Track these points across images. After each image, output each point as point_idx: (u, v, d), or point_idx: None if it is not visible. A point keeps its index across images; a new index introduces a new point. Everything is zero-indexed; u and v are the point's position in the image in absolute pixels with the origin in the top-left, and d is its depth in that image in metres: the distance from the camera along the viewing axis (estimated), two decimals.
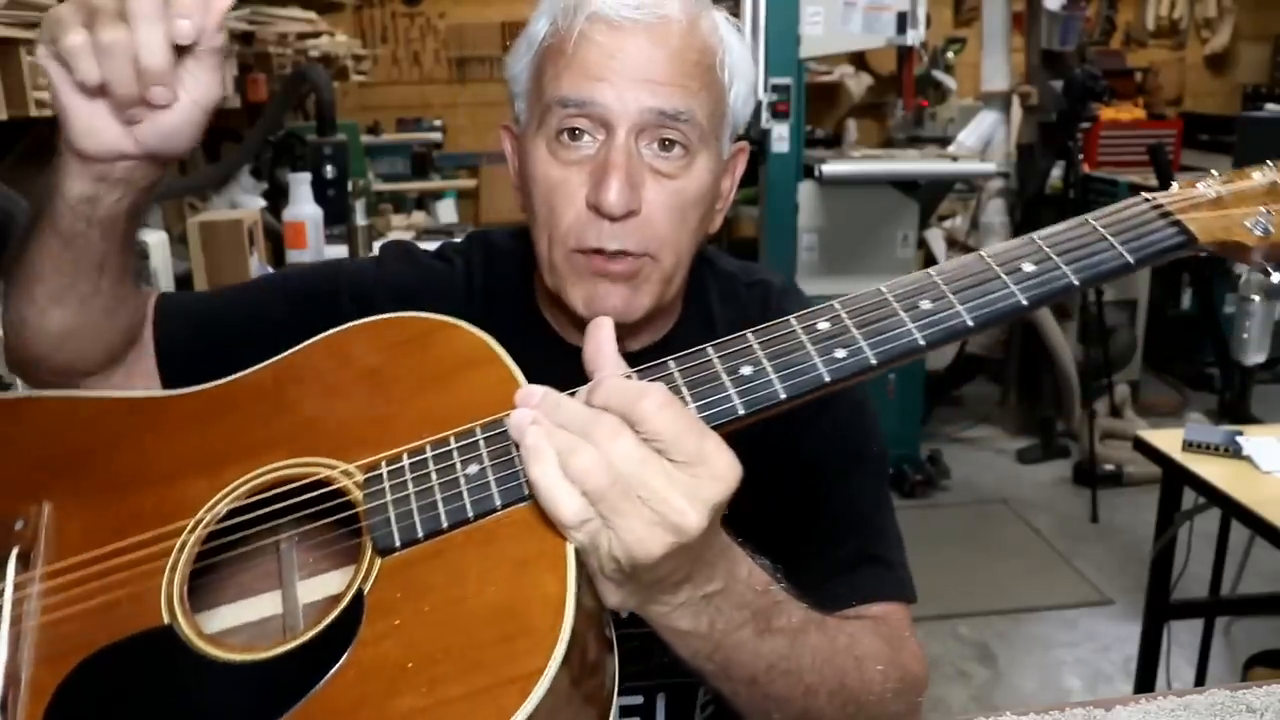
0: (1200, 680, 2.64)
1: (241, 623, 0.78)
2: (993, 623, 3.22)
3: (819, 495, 1.00)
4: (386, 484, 0.71)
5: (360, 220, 3.01)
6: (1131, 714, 1.02)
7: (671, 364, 0.71)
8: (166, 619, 0.71)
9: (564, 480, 0.63)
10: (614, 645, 0.70)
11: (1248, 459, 2.14)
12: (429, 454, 0.71)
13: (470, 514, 0.68)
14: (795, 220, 3.96)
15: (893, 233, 4.05)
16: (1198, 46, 7.52)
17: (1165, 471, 2.26)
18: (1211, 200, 0.72)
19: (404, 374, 0.78)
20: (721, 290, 1.07)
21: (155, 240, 2.43)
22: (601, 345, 0.69)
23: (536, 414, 0.66)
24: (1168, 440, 2.25)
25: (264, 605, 0.79)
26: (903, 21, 3.83)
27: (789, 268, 3.86)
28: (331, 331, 0.83)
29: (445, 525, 0.68)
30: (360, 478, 0.73)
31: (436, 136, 5.88)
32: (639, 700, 1.03)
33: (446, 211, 4.99)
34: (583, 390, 0.68)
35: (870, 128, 6.78)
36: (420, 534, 0.68)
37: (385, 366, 0.79)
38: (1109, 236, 0.71)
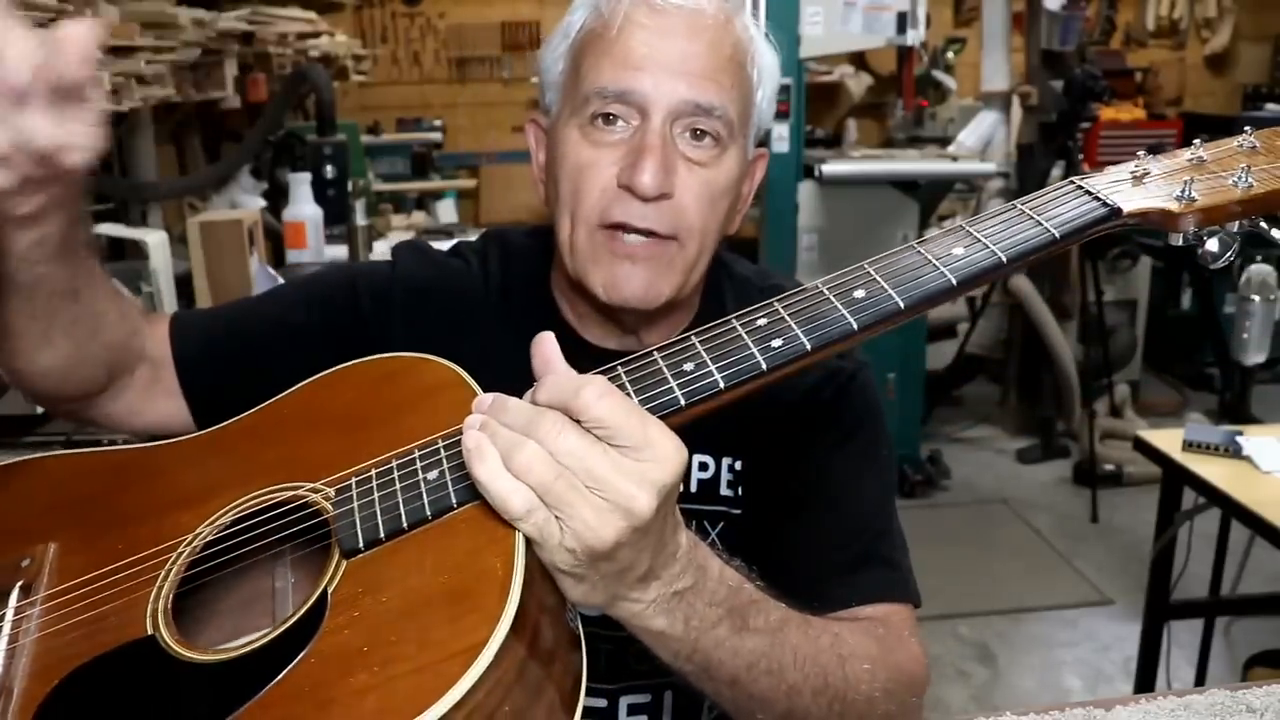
0: (1200, 680, 2.64)
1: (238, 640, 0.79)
2: (993, 623, 3.22)
3: (825, 496, 1.00)
4: (354, 493, 0.75)
5: (360, 220, 3.01)
6: (1131, 714, 1.02)
7: (619, 367, 0.73)
8: (149, 630, 0.74)
9: (507, 475, 0.65)
10: (580, 642, 0.70)
11: (1248, 459, 2.14)
12: (393, 464, 0.76)
13: (429, 513, 0.71)
14: (795, 220, 3.96)
15: (893, 233, 4.05)
16: (1198, 46, 7.51)
17: (1165, 471, 2.26)
18: (1136, 176, 0.77)
19: (379, 405, 0.83)
20: (737, 293, 1.08)
21: (155, 240, 2.43)
22: (549, 359, 0.70)
23: (484, 417, 0.67)
24: (1168, 440, 2.25)
25: (260, 622, 0.81)
26: (903, 21, 3.83)
27: (789, 268, 3.86)
28: (314, 377, 0.88)
29: (406, 525, 0.71)
30: (331, 492, 0.77)
31: (436, 136, 5.89)
32: (647, 698, 1.03)
33: (446, 211, 4.99)
34: (530, 391, 0.69)
35: (870, 128, 6.77)
36: (382, 534, 0.71)
37: (362, 400, 0.84)
38: (1033, 215, 0.75)
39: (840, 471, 1.00)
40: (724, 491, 1.02)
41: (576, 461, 0.63)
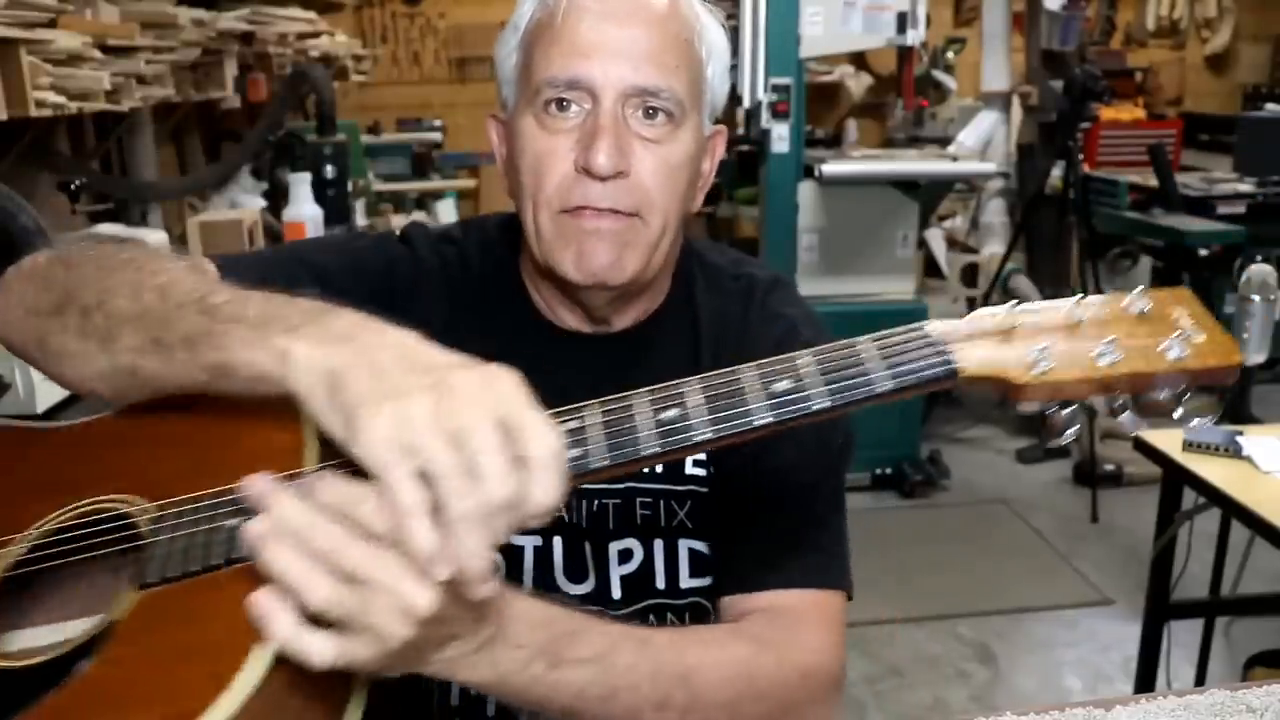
0: (1200, 680, 2.64)
1: (43, 644, 0.79)
2: (993, 623, 3.22)
3: (767, 481, 1.01)
4: (169, 524, 0.75)
5: (360, 220, 3.01)
6: (1131, 714, 1.02)
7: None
8: None
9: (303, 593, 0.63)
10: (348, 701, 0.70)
11: (1248, 459, 2.14)
12: (206, 502, 0.75)
13: (218, 560, 0.70)
14: (795, 220, 3.96)
15: (893, 233, 4.05)
16: (1198, 46, 7.52)
17: (1165, 471, 2.26)
18: (1003, 332, 0.69)
19: (239, 437, 0.80)
20: (707, 281, 1.09)
21: (155, 240, 2.44)
22: (265, 494, 0.66)
23: (266, 530, 0.64)
24: (1168, 440, 2.25)
25: (72, 628, 0.81)
26: (903, 21, 3.83)
27: (789, 268, 3.86)
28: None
29: (198, 568, 0.71)
30: (154, 515, 0.76)
31: (436, 136, 5.89)
32: None
33: (446, 211, 4.99)
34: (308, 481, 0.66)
35: (870, 128, 6.78)
36: (174, 573, 0.71)
37: (230, 427, 0.81)
38: (878, 360, 0.69)
39: (786, 458, 1.00)
40: (690, 470, 1.03)
41: (363, 574, 0.62)
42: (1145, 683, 2.37)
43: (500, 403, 0.63)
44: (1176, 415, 0.68)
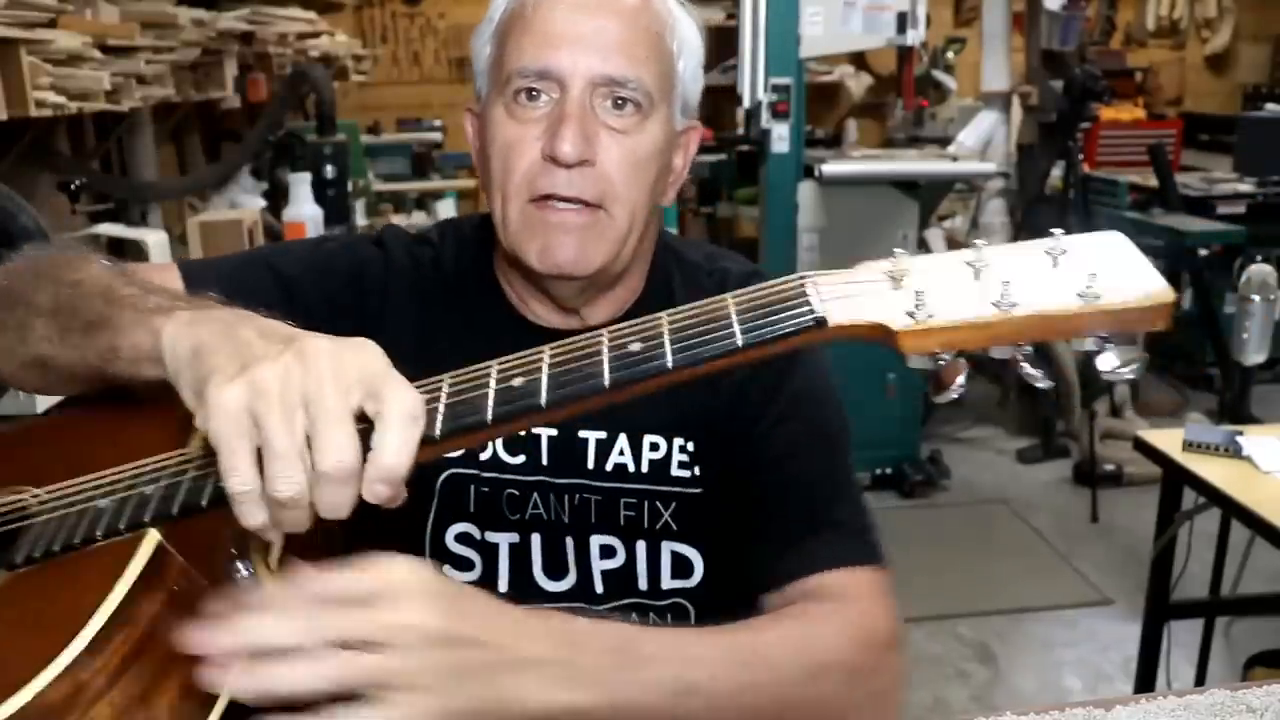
0: (1200, 680, 2.64)
1: None
2: (993, 623, 3.22)
3: (770, 472, 1.00)
4: (48, 508, 0.76)
5: (360, 220, 3.01)
6: (1131, 714, 1.02)
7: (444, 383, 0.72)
8: None
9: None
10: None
11: (1248, 459, 2.14)
12: (85, 486, 0.75)
13: (78, 539, 0.71)
14: (795, 220, 3.96)
15: (893, 233, 4.05)
16: (1198, 46, 7.52)
17: (1165, 471, 2.25)
18: (894, 277, 0.64)
19: (128, 416, 0.82)
20: (684, 276, 1.09)
21: (155, 240, 2.44)
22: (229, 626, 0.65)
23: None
24: (1168, 440, 2.25)
25: None
26: (903, 21, 3.83)
27: (789, 268, 3.85)
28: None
29: (58, 548, 0.71)
30: (41, 501, 0.77)
31: (436, 136, 5.89)
32: None
33: (446, 211, 4.99)
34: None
35: (870, 128, 6.77)
36: (38, 553, 0.72)
37: (122, 409, 0.83)
38: (722, 319, 0.65)
39: (783, 445, 1.00)
40: (676, 472, 1.03)
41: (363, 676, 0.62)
42: (1145, 683, 2.37)
43: (356, 367, 0.63)
44: (1106, 368, 0.60)
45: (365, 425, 0.62)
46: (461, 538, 1.02)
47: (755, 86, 3.82)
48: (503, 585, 1.02)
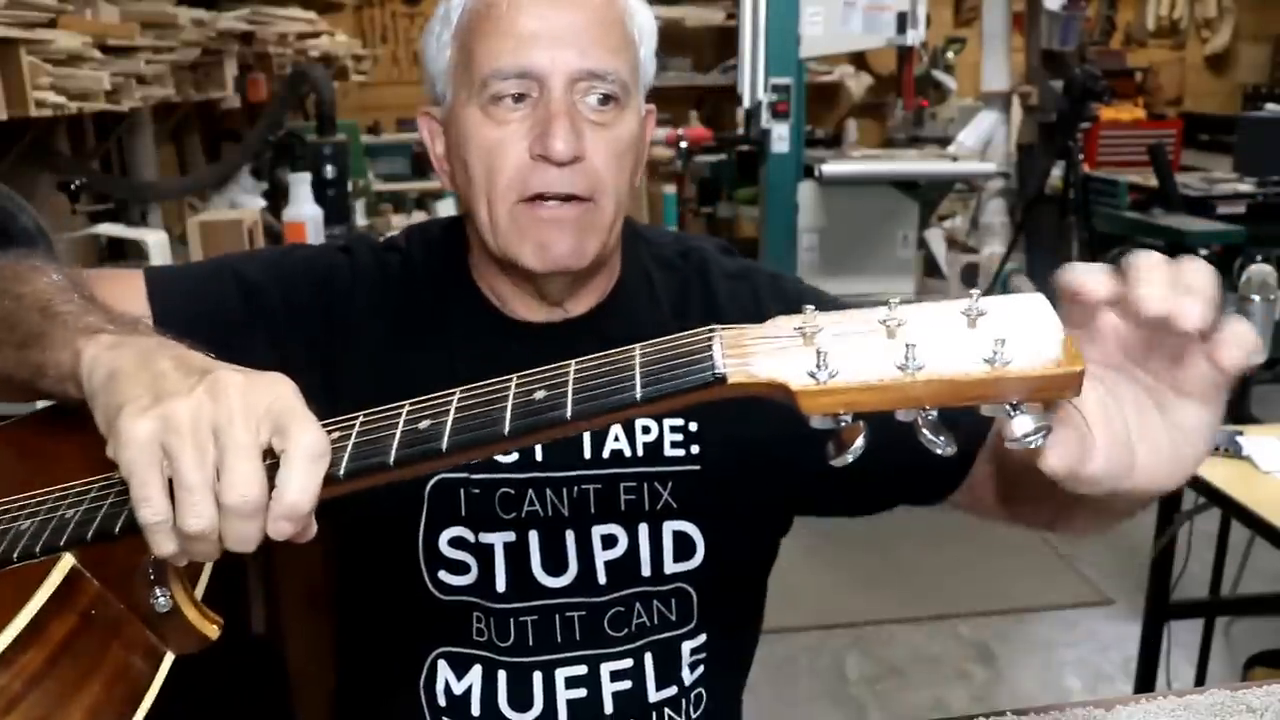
0: (1200, 680, 2.64)
1: None
2: (993, 623, 3.22)
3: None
4: None
5: (360, 220, 3.01)
6: (1131, 714, 1.02)
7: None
8: None
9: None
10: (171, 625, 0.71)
11: (1248, 459, 2.14)
12: (9, 505, 0.76)
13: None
14: (795, 220, 3.97)
15: (893, 233, 4.06)
16: (1198, 46, 7.52)
17: None
18: (804, 334, 0.60)
19: (70, 435, 0.82)
20: (654, 257, 1.10)
21: (155, 240, 2.44)
22: None
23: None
24: None
25: None
26: (903, 21, 3.83)
27: (789, 268, 3.86)
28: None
29: None
30: None
31: None
32: (628, 664, 1.04)
33: (446, 211, 4.98)
34: None
35: (870, 128, 6.77)
36: None
37: (65, 428, 0.83)
38: (625, 376, 0.63)
39: None
40: (669, 452, 1.04)
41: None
42: (1145, 683, 2.37)
43: (266, 402, 0.63)
44: (1017, 434, 0.58)
45: (274, 461, 0.62)
46: (455, 542, 1.02)
47: (755, 86, 3.83)
48: (500, 585, 1.01)
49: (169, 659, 0.72)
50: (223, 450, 0.61)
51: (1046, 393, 0.57)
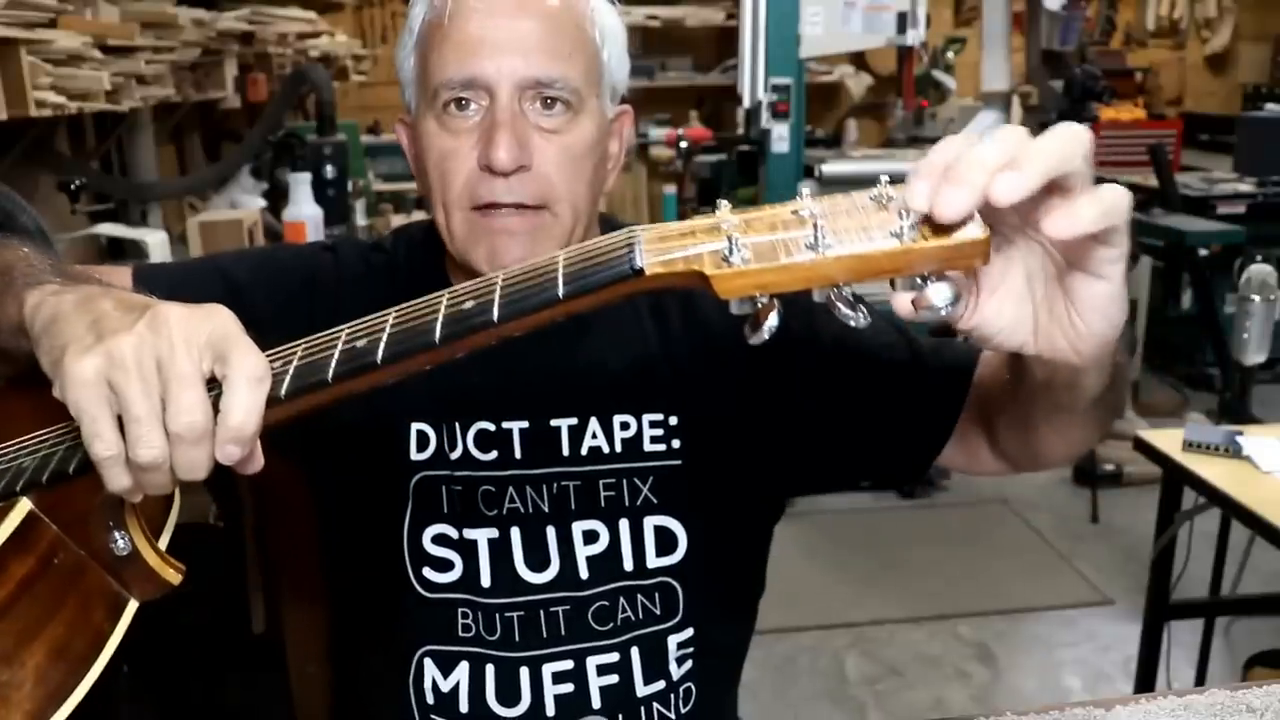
0: (1200, 680, 2.64)
1: None
2: (993, 623, 3.22)
3: (866, 345, 1.04)
4: None
5: (360, 220, 3.01)
6: (1131, 714, 1.02)
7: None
8: None
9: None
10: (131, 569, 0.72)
11: (1248, 459, 2.14)
12: None
13: None
14: None
15: None
16: (1198, 46, 7.52)
17: (1165, 471, 2.25)
18: (709, 230, 0.63)
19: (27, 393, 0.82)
20: None
21: (155, 240, 2.44)
22: None
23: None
24: (1168, 440, 2.25)
25: None
26: (903, 21, 3.83)
27: None
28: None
29: None
30: None
31: None
32: (615, 658, 1.04)
33: None
34: None
35: (870, 128, 6.78)
36: None
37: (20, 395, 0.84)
38: (560, 269, 0.65)
39: (850, 342, 1.04)
40: (649, 447, 1.04)
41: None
42: (1145, 683, 2.37)
43: (206, 331, 0.64)
44: (937, 302, 0.62)
45: (220, 391, 0.64)
46: (439, 539, 1.03)
47: (755, 86, 3.82)
48: (485, 581, 1.02)
49: (132, 606, 0.73)
50: (166, 380, 0.62)
51: (955, 262, 0.60)
